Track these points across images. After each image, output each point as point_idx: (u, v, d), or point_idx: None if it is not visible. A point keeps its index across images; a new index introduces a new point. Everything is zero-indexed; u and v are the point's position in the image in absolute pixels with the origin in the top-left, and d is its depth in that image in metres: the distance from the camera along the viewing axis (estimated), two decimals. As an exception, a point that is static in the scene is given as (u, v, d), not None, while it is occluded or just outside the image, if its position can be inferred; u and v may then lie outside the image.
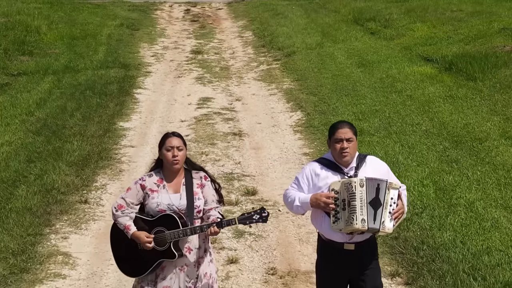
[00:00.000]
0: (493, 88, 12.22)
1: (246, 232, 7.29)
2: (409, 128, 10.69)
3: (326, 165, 4.85)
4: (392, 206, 4.64)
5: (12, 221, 7.44)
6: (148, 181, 4.86)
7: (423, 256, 6.61)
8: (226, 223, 4.74)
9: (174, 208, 4.77)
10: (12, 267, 6.49)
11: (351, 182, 4.59)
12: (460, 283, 6.04)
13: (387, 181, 4.63)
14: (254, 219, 4.72)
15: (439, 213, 7.54)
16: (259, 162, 9.71)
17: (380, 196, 4.59)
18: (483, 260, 6.44)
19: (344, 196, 4.60)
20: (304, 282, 6.31)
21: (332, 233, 4.72)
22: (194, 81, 15.01)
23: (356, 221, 4.53)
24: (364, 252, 4.79)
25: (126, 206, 4.83)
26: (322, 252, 4.92)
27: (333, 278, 4.84)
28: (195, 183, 4.88)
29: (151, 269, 4.77)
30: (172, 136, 4.90)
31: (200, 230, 4.72)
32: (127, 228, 4.79)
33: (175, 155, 4.79)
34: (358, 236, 4.72)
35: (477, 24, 17.38)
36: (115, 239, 4.95)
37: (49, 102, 12.64)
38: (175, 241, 4.72)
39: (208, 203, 4.88)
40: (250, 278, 6.45)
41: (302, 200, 4.75)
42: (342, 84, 13.72)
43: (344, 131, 4.79)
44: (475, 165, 8.94)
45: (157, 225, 4.75)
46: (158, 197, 4.79)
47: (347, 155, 4.76)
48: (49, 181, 8.64)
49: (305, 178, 4.85)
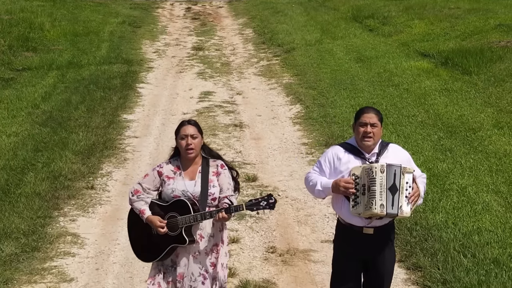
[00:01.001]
0: (488, 82, 12.53)
1: (247, 214, 7.60)
2: (405, 119, 10.99)
3: (348, 150, 4.89)
4: (408, 190, 4.69)
5: (22, 205, 7.74)
6: (166, 168, 4.95)
7: (416, 236, 6.91)
8: (234, 209, 4.79)
9: (189, 194, 4.84)
10: (23, 246, 6.80)
11: (372, 167, 4.64)
12: (451, 260, 6.33)
13: (401, 166, 4.68)
14: (262, 206, 4.78)
15: (432, 197, 7.84)
16: (259, 151, 10.01)
17: (396, 181, 4.63)
18: (473, 239, 6.74)
19: (364, 181, 4.66)
20: (302, 260, 6.62)
21: (351, 217, 4.79)
22: (195, 76, 15.31)
23: (375, 205, 4.59)
24: (382, 236, 4.86)
25: (142, 191, 4.93)
26: (341, 236, 4.97)
27: (349, 260, 4.89)
28: (211, 171, 4.93)
29: (163, 254, 4.84)
30: (187, 124, 4.95)
31: (210, 216, 4.77)
32: (142, 212, 4.89)
33: (188, 143, 4.85)
34: (377, 221, 4.79)
35: (473, 21, 17.68)
36: (131, 223, 5.07)
37: (54, 96, 12.93)
38: (187, 227, 4.79)
39: (223, 191, 4.92)
40: (250, 256, 6.76)
41: (324, 185, 4.81)
42: (340, 79, 14.02)
43: (369, 116, 4.84)
44: (468, 153, 9.24)
45: (170, 211, 4.84)
46: (173, 183, 4.88)
47: (370, 140, 4.81)
48: (56, 169, 8.94)
49: (327, 162, 4.90)
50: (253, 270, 6.46)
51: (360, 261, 4.92)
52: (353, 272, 4.93)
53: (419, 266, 6.35)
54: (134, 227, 5.03)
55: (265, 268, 6.51)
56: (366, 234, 4.81)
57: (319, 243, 6.95)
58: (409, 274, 6.31)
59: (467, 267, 6.18)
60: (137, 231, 5.00)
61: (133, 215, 5.03)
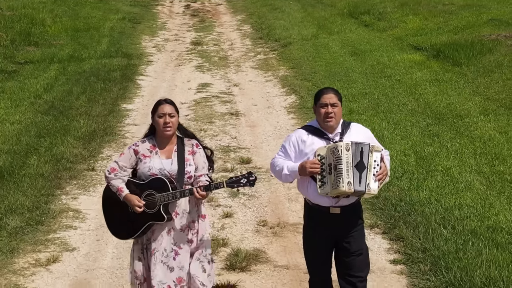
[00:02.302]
0: (477, 72, 12.89)
1: (241, 192, 7.97)
2: (396, 108, 11.36)
3: (312, 132, 4.92)
4: (376, 168, 4.73)
5: (26, 184, 8.12)
6: (141, 147, 4.96)
7: (400, 211, 7.28)
8: (214, 186, 4.81)
9: (165, 173, 4.86)
10: (28, 220, 7.19)
11: (337, 146, 4.67)
12: (431, 231, 6.70)
13: (370, 144, 4.74)
14: (242, 183, 4.80)
15: (418, 177, 8.21)
16: (254, 137, 10.38)
17: (364, 159, 4.68)
18: (454, 213, 7.11)
19: (330, 160, 4.68)
20: (291, 232, 6.99)
21: (318, 198, 4.81)
22: (193, 69, 15.69)
23: (342, 183, 4.61)
24: (349, 215, 4.90)
25: (118, 169, 4.93)
26: (309, 217, 5.01)
27: (319, 241, 4.93)
28: (186, 150, 4.95)
29: (140, 231, 4.87)
30: (165, 103, 4.96)
31: (189, 193, 4.79)
32: (120, 190, 4.89)
33: (166, 121, 4.86)
34: (344, 200, 4.81)
35: (466, 16, 18.03)
36: (107, 202, 5.08)
37: (55, 87, 13.30)
38: (165, 204, 4.81)
39: (198, 170, 4.95)
40: (243, 228, 7.14)
41: (290, 169, 4.83)
42: (335, 71, 14.39)
43: (329, 96, 4.88)
44: (455, 138, 9.61)
45: (148, 188, 4.85)
46: (150, 162, 4.89)
47: (331, 120, 4.85)
48: (58, 152, 9.32)
49: (292, 145, 4.92)
50: (245, 241, 6.84)
51: (330, 241, 4.95)
52: (323, 252, 4.96)
53: (401, 237, 6.72)
54: (110, 205, 5.04)
55: (256, 239, 6.89)
56: (333, 214, 4.85)
57: (308, 218, 7.30)
58: (392, 244, 6.68)
59: (446, 237, 6.54)
60: (113, 209, 5.01)
61: (108, 193, 5.04)
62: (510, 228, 6.69)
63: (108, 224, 5.11)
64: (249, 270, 6.19)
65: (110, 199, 5.01)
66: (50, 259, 6.38)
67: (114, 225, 5.07)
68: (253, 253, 6.47)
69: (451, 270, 5.91)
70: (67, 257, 6.50)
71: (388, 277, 6.07)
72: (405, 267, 6.21)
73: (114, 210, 5.01)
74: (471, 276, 5.77)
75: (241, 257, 6.30)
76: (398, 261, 6.33)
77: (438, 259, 6.14)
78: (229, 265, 6.24)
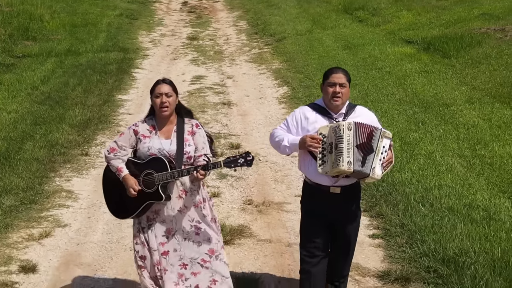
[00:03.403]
0: (465, 64, 13.15)
1: (229, 174, 8.24)
2: (384, 97, 11.62)
3: (316, 110, 4.92)
4: (383, 154, 4.74)
5: (21, 168, 8.38)
6: (141, 127, 4.98)
7: (381, 191, 7.54)
8: (212, 166, 4.76)
9: (165, 152, 4.87)
10: (22, 199, 7.46)
11: (340, 125, 4.67)
12: (410, 208, 6.96)
13: (382, 130, 4.76)
14: (239, 163, 4.75)
15: (401, 160, 8.46)
16: (244, 125, 10.64)
17: (373, 143, 4.68)
18: (433, 192, 7.36)
19: (331, 139, 4.68)
20: (276, 210, 7.25)
21: (318, 176, 4.83)
22: (189, 62, 15.94)
23: (342, 162, 4.60)
24: (348, 196, 4.94)
25: (118, 149, 4.97)
26: (308, 196, 5.03)
27: (317, 220, 4.96)
28: (186, 130, 4.96)
29: (139, 211, 4.90)
30: (162, 83, 4.96)
31: (187, 173, 4.79)
32: (119, 170, 4.92)
33: (163, 101, 4.87)
34: (344, 180, 4.82)
35: (459, 11, 18.28)
36: (106, 181, 5.13)
37: (52, 79, 13.55)
38: (163, 184, 4.81)
39: (198, 150, 4.96)
40: (229, 207, 7.40)
41: (291, 141, 4.85)
42: (327, 64, 14.58)
43: (338, 76, 4.88)
44: (439, 125, 9.86)
45: (147, 168, 4.86)
46: (149, 142, 4.90)
47: (338, 100, 4.83)
48: (53, 139, 9.57)
49: (294, 121, 4.93)
50: (231, 218, 7.10)
51: (328, 220, 4.98)
52: (321, 230, 4.99)
53: (381, 214, 6.99)
54: (110, 184, 5.08)
55: (242, 216, 7.16)
56: (333, 193, 4.87)
57: (293, 197, 7.57)
58: (372, 220, 6.94)
59: (424, 214, 6.80)
60: (113, 188, 5.03)
61: (108, 173, 5.08)
62: (486, 206, 6.94)
63: (108, 203, 5.16)
64: (233, 244, 6.45)
65: (110, 179, 5.04)
66: (42, 234, 6.65)
67: (113, 204, 5.12)
68: (237, 229, 6.73)
69: (426, 242, 6.17)
70: (59, 233, 6.76)
71: (366, 250, 6.32)
72: (383, 241, 6.47)
73: (113, 189, 5.04)
74: (445, 247, 6.03)
75: (226, 231, 6.55)
76: (377, 235, 6.59)
77: (415, 233, 6.40)
78: (214, 239, 6.49)
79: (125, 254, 6.29)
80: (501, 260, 5.71)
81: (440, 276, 5.63)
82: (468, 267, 5.65)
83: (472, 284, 5.40)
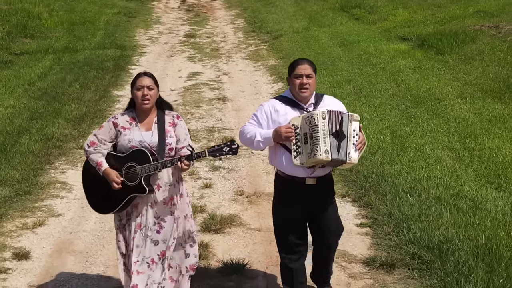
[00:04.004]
0: (459, 60, 13.27)
1: (221, 166, 8.36)
2: (378, 93, 11.73)
3: (285, 102, 4.86)
4: (355, 137, 4.69)
5: (16, 160, 8.50)
6: (121, 119, 4.90)
7: (371, 182, 7.66)
8: (196, 155, 4.69)
9: (146, 145, 4.79)
10: (17, 190, 7.58)
11: (313, 115, 4.62)
12: (398, 199, 7.07)
13: (349, 114, 4.72)
14: (224, 151, 4.68)
15: (392, 153, 8.58)
16: (238, 119, 10.75)
17: (343, 128, 4.63)
18: (421, 184, 7.47)
19: (305, 130, 4.63)
20: (266, 200, 7.36)
21: (293, 169, 4.75)
22: (185, 59, 16.08)
23: (320, 152, 4.56)
24: (324, 187, 4.89)
25: (98, 142, 4.86)
26: (282, 190, 4.95)
27: (293, 213, 4.89)
28: (167, 121, 4.89)
29: (121, 205, 4.81)
30: (144, 75, 4.90)
31: (170, 164, 4.71)
32: (99, 164, 4.83)
33: (144, 94, 4.81)
34: (319, 170, 4.77)
35: (454, 9, 18.41)
36: (87, 176, 5.02)
37: (49, 76, 13.69)
38: (146, 176, 4.74)
39: (180, 142, 4.89)
40: (220, 197, 7.52)
41: (264, 135, 4.77)
42: (322, 60, 14.75)
43: (304, 67, 4.84)
44: (431, 119, 9.98)
45: (128, 161, 4.77)
46: (130, 134, 4.83)
47: (306, 91, 4.80)
48: (49, 133, 9.70)
49: (264, 115, 4.85)
50: (222, 207, 7.22)
51: (304, 213, 4.92)
52: (298, 225, 4.93)
53: (369, 204, 7.10)
54: (90, 179, 4.98)
55: (233, 206, 7.28)
56: (308, 185, 4.80)
57: (284, 188, 7.68)
58: (360, 210, 7.06)
59: (411, 203, 6.91)
60: (94, 183, 4.94)
61: (88, 167, 4.99)
62: (472, 196, 7.05)
63: (89, 199, 5.05)
64: (223, 232, 6.57)
65: (90, 174, 4.94)
66: (36, 223, 6.77)
67: (94, 200, 5.01)
68: (228, 218, 6.84)
69: (412, 230, 6.28)
70: (53, 222, 6.88)
71: (353, 238, 6.44)
72: (370, 229, 6.59)
73: (94, 184, 4.93)
74: (430, 235, 6.14)
75: (216, 220, 6.68)
76: (364, 224, 6.71)
77: (401, 221, 6.52)
78: (204, 227, 6.61)
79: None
80: (484, 247, 5.82)
81: (424, 262, 5.74)
82: (452, 253, 5.77)
83: (455, 269, 5.51)
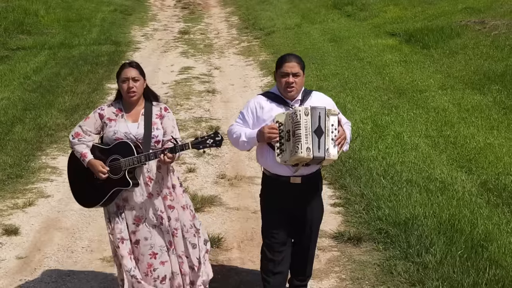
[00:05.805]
0: (443, 54, 13.62)
1: (206, 153, 8.69)
2: (363, 85, 12.08)
3: (271, 98, 4.74)
4: (334, 132, 4.53)
5: (9, 147, 8.86)
6: (107, 111, 4.80)
7: (347, 166, 8.00)
8: (179, 148, 4.60)
9: (131, 136, 4.71)
10: (9, 174, 7.94)
11: (296, 111, 4.49)
12: (372, 181, 7.42)
13: (325, 108, 4.54)
14: (208, 144, 4.61)
15: (370, 140, 8.92)
16: (226, 111, 11.11)
17: (321, 124, 4.48)
18: (395, 168, 7.82)
19: (288, 127, 4.51)
20: (247, 183, 7.71)
21: (277, 167, 4.66)
22: (178, 55, 16.42)
23: (301, 149, 4.42)
24: (309, 186, 4.78)
25: (83, 133, 4.76)
26: (268, 189, 4.86)
27: (279, 212, 4.81)
28: (154, 113, 4.79)
29: (106, 199, 4.72)
30: (129, 66, 4.79)
31: (154, 156, 4.62)
32: (84, 155, 4.71)
33: (130, 86, 4.71)
34: (304, 169, 4.66)
35: (443, 6, 18.75)
36: (72, 170, 4.93)
37: (44, 70, 14.03)
38: (131, 169, 4.66)
39: (167, 134, 4.81)
40: (203, 180, 7.88)
41: (248, 136, 4.66)
42: (312, 55, 15.11)
43: (291, 65, 4.64)
44: (411, 109, 10.33)
45: (113, 153, 4.69)
46: (115, 125, 4.73)
47: (292, 90, 4.65)
48: (42, 122, 10.05)
49: (250, 112, 4.75)
50: (203, 189, 7.57)
51: (290, 213, 4.84)
52: (283, 222, 4.83)
53: (344, 186, 7.45)
54: (75, 171, 4.89)
55: (214, 188, 7.63)
56: (293, 184, 4.69)
57: (264, 172, 8.03)
58: (335, 192, 7.41)
59: (384, 185, 7.26)
60: (78, 176, 4.85)
61: (73, 159, 4.89)
62: (443, 178, 7.40)
63: (73, 192, 4.95)
64: (202, 211, 6.93)
65: (75, 166, 4.85)
66: (26, 203, 7.13)
67: (79, 193, 4.91)
68: (208, 198, 7.20)
69: (382, 209, 6.63)
70: (42, 202, 7.24)
71: (326, 216, 6.63)
72: (343, 208, 6.94)
73: (78, 177, 4.83)
74: (398, 213, 6.49)
75: (197, 201, 7.02)
76: (338, 204, 7.06)
77: (373, 201, 6.87)
78: (185, 207, 6.96)
79: (102, 220, 6.70)
80: (447, 222, 6.17)
81: (390, 236, 6.09)
82: (417, 228, 6.12)
83: (417, 242, 5.86)
